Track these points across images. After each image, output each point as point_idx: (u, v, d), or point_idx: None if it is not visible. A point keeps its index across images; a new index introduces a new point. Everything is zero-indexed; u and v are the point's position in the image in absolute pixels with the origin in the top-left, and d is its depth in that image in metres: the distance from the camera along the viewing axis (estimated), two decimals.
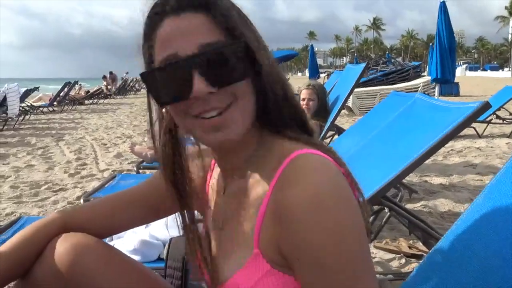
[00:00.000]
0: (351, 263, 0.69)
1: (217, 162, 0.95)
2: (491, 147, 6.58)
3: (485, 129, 7.71)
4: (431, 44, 16.56)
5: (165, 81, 0.78)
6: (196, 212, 1.11)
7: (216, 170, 0.98)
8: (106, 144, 7.63)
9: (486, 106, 1.83)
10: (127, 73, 33.53)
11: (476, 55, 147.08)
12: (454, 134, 1.85)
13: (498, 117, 7.91)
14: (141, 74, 0.81)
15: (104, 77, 25.38)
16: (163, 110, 0.89)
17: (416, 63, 15.93)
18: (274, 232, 0.76)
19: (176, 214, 1.00)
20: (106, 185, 3.08)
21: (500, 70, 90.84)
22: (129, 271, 1.00)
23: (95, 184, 4.56)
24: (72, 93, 17.66)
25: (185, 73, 0.75)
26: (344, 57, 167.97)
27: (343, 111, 11.51)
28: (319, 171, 0.74)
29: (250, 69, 0.79)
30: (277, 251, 0.76)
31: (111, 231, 1.09)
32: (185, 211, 0.95)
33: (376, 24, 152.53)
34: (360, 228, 0.73)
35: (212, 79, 0.76)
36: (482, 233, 1.03)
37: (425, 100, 2.44)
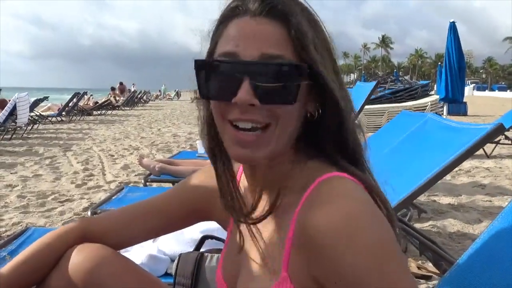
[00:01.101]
0: (388, 282, 0.67)
1: (247, 177, 0.91)
2: (500, 167, 6.53)
3: (493, 150, 7.66)
4: (439, 63, 16.58)
5: (215, 76, 0.76)
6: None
7: (243, 184, 0.95)
8: (113, 156, 7.64)
9: (500, 128, 1.81)
10: (133, 84, 33.82)
11: (484, 75, 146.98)
12: (468, 155, 1.84)
13: (506, 137, 7.85)
14: (196, 61, 0.78)
15: (113, 89, 25.53)
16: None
17: (425, 82, 15.94)
18: (304, 256, 0.73)
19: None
20: (114, 197, 3.07)
21: (508, 91, 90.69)
22: (144, 284, 1.00)
23: (102, 195, 4.56)
24: (81, 103, 17.77)
25: (236, 76, 0.73)
26: (352, 74, 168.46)
27: None
28: (346, 193, 0.72)
29: (306, 95, 0.76)
30: (307, 276, 0.74)
31: (129, 241, 1.09)
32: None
33: (384, 42, 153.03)
34: (395, 248, 0.70)
35: (260, 92, 0.72)
36: (499, 258, 1.01)
37: (437, 120, 2.43)
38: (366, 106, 11.37)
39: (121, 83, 25.89)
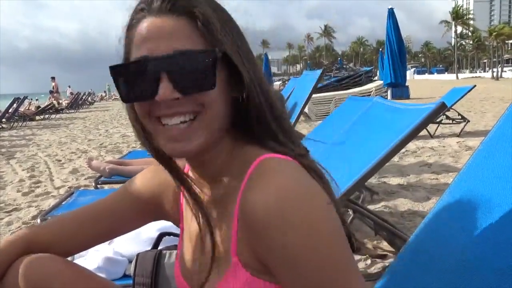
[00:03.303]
0: (326, 258, 0.68)
1: (191, 171, 0.92)
2: (443, 146, 6.80)
3: (436, 130, 7.98)
4: (380, 49, 17.05)
5: (132, 79, 0.76)
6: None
7: (192, 178, 0.94)
8: (60, 160, 7.37)
9: (442, 106, 1.88)
10: (69, 86, 32.60)
11: (423, 59, 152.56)
12: (414, 135, 1.90)
13: (448, 117, 8.20)
14: (111, 67, 0.78)
15: (51, 92, 24.44)
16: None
17: (368, 68, 16.34)
18: (248, 238, 0.74)
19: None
20: (64, 202, 2.97)
21: (446, 73, 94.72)
22: None
23: (51, 202, 4.40)
24: (21, 109, 17.05)
25: (153, 74, 0.73)
26: (297, 64, 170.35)
27: (300, 117, 11.66)
28: (279, 173, 0.73)
29: (226, 80, 0.77)
30: (254, 257, 0.75)
31: (80, 247, 1.04)
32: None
33: (327, 32, 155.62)
34: (333, 225, 0.71)
35: (180, 85, 0.73)
36: (448, 231, 1.06)
37: (383, 103, 2.50)
38: (314, 95, 11.55)
39: (53, 78, 24.60)
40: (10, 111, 15.45)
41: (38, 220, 2.58)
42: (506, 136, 1.06)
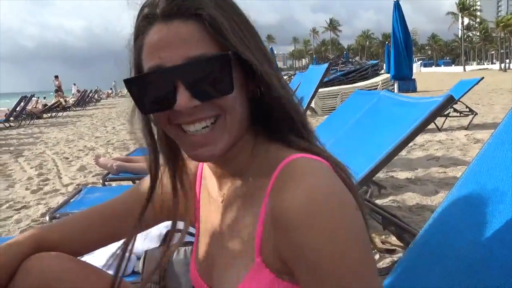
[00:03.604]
0: (349, 266, 0.66)
1: (211, 170, 0.91)
2: (451, 139, 6.76)
3: (443, 123, 7.93)
4: (386, 42, 16.96)
5: (149, 91, 0.75)
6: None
7: (210, 178, 0.94)
8: (68, 158, 7.41)
9: (450, 99, 1.87)
10: (74, 84, 32.66)
11: (429, 52, 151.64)
12: (422, 128, 1.89)
13: (455, 110, 8.15)
14: (125, 81, 0.77)
15: (57, 91, 24.52)
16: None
17: (374, 62, 16.27)
18: (274, 238, 0.73)
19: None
20: (72, 200, 2.98)
21: (453, 65, 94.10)
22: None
23: (59, 199, 4.42)
24: (29, 107, 17.15)
25: (169, 84, 0.72)
26: (303, 59, 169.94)
27: (306, 112, 11.62)
28: (312, 174, 0.71)
29: (242, 79, 0.76)
30: (279, 258, 0.73)
31: (89, 247, 1.03)
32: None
33: (333, 25, 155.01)
34: (359, 231, 0.69)
35: (197, 92, 0.72)
36: (458, 225, 1.05)
37: (390, 97, 2.48)
38: (320, 89, 11.50)
39: (56, 77, 24.66)
40: (17, 109, 15.54)
41: (47, 218, 2.60)
42: None
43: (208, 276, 0.91)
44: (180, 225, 1.71)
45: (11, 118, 15.19)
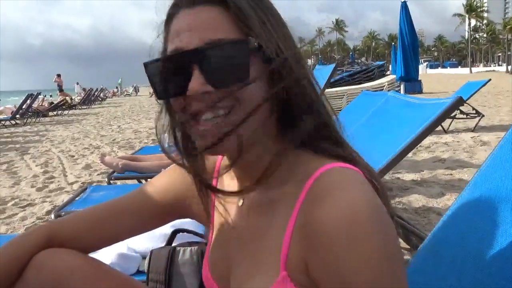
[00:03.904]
0: (382, 285, 0.62)
1: (232, 168, 0.82)
2: (457, 141, 6.73)
3: (450, 124, 7.90)
4: (393, 43, 16.91)
5: (166, 75, 0.73)
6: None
7: (228, 176, 0.90)
8: (73, 156, 7.43)
9: (460, 101, 1.85)
10: (77, 83, 32.71)
11: (436, 53, 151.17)
12: (431, 130, 1.87)
13: (462, 112, 8.11)
14: (144, 64, 0.76)
15: (60, 90, 24.63)
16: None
17: (380, 63, 16.21)
18: (303, 253, 0.69)
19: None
20: (77, 198, 2.98)
21: (459, 67, 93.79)
22: (118, 285, 0.95)
23: (64, 197, 4.43)
24: (35, 105, 17.22)
25: (185, 68, 0.70)
26: (308, 60, 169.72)
27: None
28: (352, 187, 0.67)
29: (265, 72, 0.72)
30: (305, 273, 0.69)
31: (99, 244, 1.01)
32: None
33: (339, 26, 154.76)
34: (397, 252, 0.66)
35: (211, 78, 0.70)
36: (470, 228, 1.03)
37: (398, 98, 2.46)
38: (326, 90, 11.52)
39: (58, 75, 24.77)
40: (23, 107, 15.61)
41: (52, 216, 2.60)
42: None
43: (224, 280, 0.87)
44: (186, 225, 1.70)
45: (17, 116, 15.25)
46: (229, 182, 0.90)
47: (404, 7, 14.88)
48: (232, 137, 0.72)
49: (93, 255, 1.88)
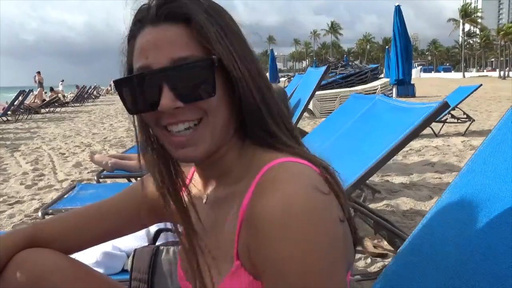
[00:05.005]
0: (316, 280, 0.65)
1: (197, 171, 0.92)
2: (448, 145, 6.78)
3: (441, 128, 7.95)
4: (387, 47, 16.97)
5: (136, 91, 0.77)
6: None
7: (196, 178, 0.95)
8: (64, 154, 7.40)
9: (445, 105, 1.87)
10: (62, 81, 32.44)
11: (429, 57, 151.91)
12: (416, 134, 1.89)
13: (453, 116, 8.17)
14: (114, 81, 0.80)
15: (52, 89, 24.47)
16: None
17: (374, 66, 16.28)
18: (247, 241, 0.73)
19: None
20: (66, 196, 2.98)
21: (453, 71, 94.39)
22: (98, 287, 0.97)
23: (54, 195, 4.41)
24: (27, 101, 17.12)
25: (155, 85, 0.74)
26: (303, 61, 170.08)
27: (304, 114, 11.63)
28: (294, 180, 0.70)
29: (226, 84, 0.77)
30: (250, 261, 0.73)
31: (82, 245, 1.03)
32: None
33: (334, 28, 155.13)
34: (333, 243, 0.68)
35: (180, 94, 0.74)
36: (447, 231, 1.05)
37: (385, 101, 2.48)
38: (319, 92, 11.56)
39: (38, 72, 24.55)
40: (15, 103, 15.52)
41: (40, 213, 2.59)
42: (507, 138, 1.05)
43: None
44: (170, 224, 1.71)
45: (9, 112, 15.16)
46: (199, 182, 0.93)
47: (398, 11, 14.97)
48: (205, 144, 0.77)
49: (79, 253, 1.89)
